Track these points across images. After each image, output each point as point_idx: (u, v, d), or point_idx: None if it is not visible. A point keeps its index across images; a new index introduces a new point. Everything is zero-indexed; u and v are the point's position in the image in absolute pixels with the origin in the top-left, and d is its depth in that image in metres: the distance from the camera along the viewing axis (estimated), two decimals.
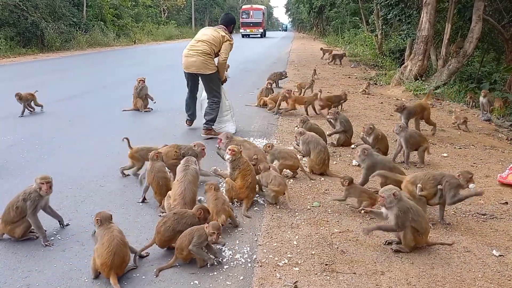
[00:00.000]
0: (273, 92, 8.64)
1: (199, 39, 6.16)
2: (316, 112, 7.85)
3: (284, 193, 3.92)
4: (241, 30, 47.50)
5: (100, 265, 2.71)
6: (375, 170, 4.03)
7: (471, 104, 8.90)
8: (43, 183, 3.21)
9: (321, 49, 20.42)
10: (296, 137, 5.09)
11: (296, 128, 6.03)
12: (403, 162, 5.11)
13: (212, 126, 6.29)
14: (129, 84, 8.31)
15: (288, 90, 8.01)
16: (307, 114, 7.27)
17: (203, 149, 4.47)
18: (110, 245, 2.72)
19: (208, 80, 6.17)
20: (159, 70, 14.11)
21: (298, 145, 5.04)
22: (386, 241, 3.30)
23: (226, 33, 6.19)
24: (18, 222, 3.21)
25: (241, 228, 3.55)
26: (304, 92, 9.42)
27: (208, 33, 6.22)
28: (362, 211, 3.52)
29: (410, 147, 5.09)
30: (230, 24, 6.43)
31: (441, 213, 3.71)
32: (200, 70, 6.08)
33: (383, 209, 3.25)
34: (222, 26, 6.33)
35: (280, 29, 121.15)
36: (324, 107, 7.52)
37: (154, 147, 4.39)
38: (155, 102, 7.95)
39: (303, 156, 5.10)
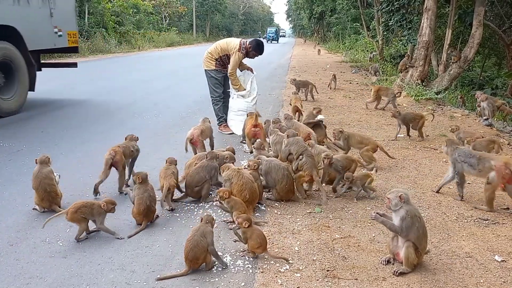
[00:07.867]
0: None
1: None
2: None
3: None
4: None
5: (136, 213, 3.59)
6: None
7: (461, 105, 8.97)
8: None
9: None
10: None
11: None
12: None
13: (226, 121, 6.99)
14: (132, 90, 8.33)
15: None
16: None
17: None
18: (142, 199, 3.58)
19: (206, 76, 6.89)
20: (161, 77, 14.16)
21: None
22: (385, 260, 3.11)
23: (238, 48, 6.51)
24: None
25: None
26: None
27: (225, 40, 6.92)
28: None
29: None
30: (252, 50, 6.65)
31: None
32: (203, 65, 6.92)
33: (393, 215, 3.08)
34: (248, 44, 6.64)
35: (264, 36, 62.46)
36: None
37: None
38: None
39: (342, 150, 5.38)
